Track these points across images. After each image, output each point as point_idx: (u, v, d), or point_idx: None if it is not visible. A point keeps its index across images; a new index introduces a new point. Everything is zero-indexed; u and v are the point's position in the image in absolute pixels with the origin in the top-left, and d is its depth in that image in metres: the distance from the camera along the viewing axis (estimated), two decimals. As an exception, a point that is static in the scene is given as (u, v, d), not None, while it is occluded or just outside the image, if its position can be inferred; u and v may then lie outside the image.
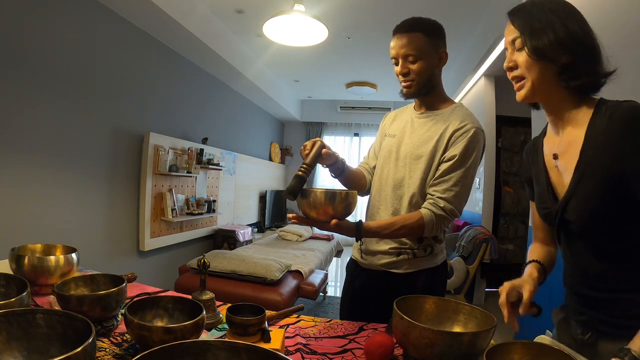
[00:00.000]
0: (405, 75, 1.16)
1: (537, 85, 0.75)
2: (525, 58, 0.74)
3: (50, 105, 2.16)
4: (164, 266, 3.32)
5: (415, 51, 1.12)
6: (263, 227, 5.43)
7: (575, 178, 0.74)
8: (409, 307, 0.90)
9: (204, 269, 1.02)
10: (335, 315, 3.42)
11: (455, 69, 4.38)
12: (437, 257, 1.20)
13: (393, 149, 1.23)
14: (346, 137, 6.84)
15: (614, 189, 0.68)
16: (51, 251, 1.19)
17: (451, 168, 1.10)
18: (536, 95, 0.77)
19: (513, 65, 0.78)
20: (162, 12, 2.58)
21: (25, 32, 1.98)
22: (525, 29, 0.74)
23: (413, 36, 1.12)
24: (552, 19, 0.72)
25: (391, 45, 1.17)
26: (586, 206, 0.73)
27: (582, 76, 0.71)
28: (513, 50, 0.77)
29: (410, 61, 1.14)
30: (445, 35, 1.19)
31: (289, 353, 0.89)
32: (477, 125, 1.12)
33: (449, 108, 1.18)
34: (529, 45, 0.73)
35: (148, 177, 2.94)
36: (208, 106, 4.05)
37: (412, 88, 1.17)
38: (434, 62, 1.16)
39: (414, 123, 1.22)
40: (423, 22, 1.15)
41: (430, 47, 1.14)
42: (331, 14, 3.05)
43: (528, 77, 0.75)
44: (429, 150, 1.14)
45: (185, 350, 0.53)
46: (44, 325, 0.64)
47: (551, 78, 0.74)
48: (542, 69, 0.73)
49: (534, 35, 0.73)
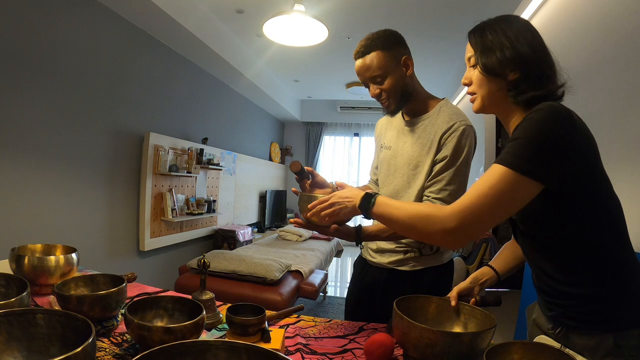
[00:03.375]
0: (379, 97, 1.16)
1: (487, 100, 0.81)
2: (477, 75, 0.80)
3: (50, 105, 2.16)
4: (164, 266, 3.32)
5: (379, 71, 1.11)
6: (263, 227, 5.43)
7: None
8: (409, 307, 0.90)
9: (204, 269, 1.02)
10: (335, 315, 3.42)
11: (455, 69, 4.38)
12: (443, 255, 1.22)
13: (391, 161, 1.24)
14: (346, 137, 6.84)
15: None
16: (51, 251, 1.19)
17: (443, 168, 1.11)
18: (486, 108, 0.83)
19: (468, 82, 0.84)
20: (162, 12, 2.58)
21: (25, 31, 1.98)
22: (478, 48, 0.80)
23: (372, 57, 1.11)
24: (501, 40, 0.77)
25: (356, 71, 1.17)
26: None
27: (529, 91, 0.76)
28: (469, 67, 0.84)
29: (378, 82, 1.13)
30: (404, 40, 1.16)
31: (289, 353, 0.89)
32: (465, 123, 1.11)
33: (434, 109, 1.17)
34: (480, 63, 0.79)
35: (148, 177, 2.94)
36: (208, 106, 4.05)
37: (391, 105, 1.16)
38: (401, 73, 1.13)
39: (405, 132, 1.22)
40: (376, 39, 1.12)
41: (392, 61, 1.11)
42: (331, 14, 3.05)
43: (478, 92, 0.81)
44: (423, 158, 1.15)
45: (185, 350, 0.53)
46: (44, 325, 0.64)
47: (500, 93, 0.79)
48: (492, 84, 0.79)
49: (484, 54, 0.79)
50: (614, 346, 0.69)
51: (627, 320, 0.70)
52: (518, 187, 0.68)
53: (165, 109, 3.27)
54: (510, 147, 0.70)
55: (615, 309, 0.71)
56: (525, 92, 0.76)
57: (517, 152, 0.68)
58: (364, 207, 0.87)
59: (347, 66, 4.53)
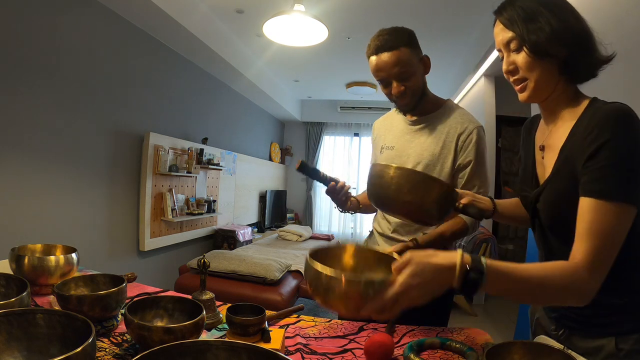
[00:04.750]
0: (402, 95, 1.13)
1: (541, 84, 0.72)
2: (524, 59, 0.71)
3: (50, 105, 2.16)
4: (164, 266, 3.32)
5: (407, 67, 1.08)
6: (263, 227, 5.43)
7: (553, 170, 0.75)
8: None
9: (204, 269, 1.02)
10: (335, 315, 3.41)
11: (455, 69, 4.38)
12: None
13: (395, 160, 1.22)
14: (346, 137, 6.83)
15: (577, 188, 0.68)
16: (51, 251, 1.19)
17: (472, 174, 1.14)
18: (538, 95, 0.74)
19: (513, 69, 0.74)
20: (162, 12, 2.58)
21: (25, 31, 1.98)
22: (520, 28, 0.70)
23: (400, 52, 1.07)
24: (544, 13, 0.68)
25: (376, 67, 1.11)
26: (554, 200, 0.74)
27: (582, 67, 0.70)
28: (509, 52, 0.74)
29: (404, 78, 1.10)
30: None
31: (289, 353, 0.89)
32: (477, 124, 1.15)
33: (442, 109, 1.18)
34: (528, 44, 0.69)
35: (148, 177, 2.94)
36: (208, 106, 4.05)
37: (410, 104, 1.15)
38: (422, 71, 1.13)
39: (410, 131, 1.22)
40: (402, 35, 1.09)
41: (416, 58, 1.11)
42: (331, 14, 3.05)
43: (530, 77, 0.72)
44: (436, 157, 1.15)
45: (185, 350, 0.53)
46: (44, 325, 0.64)
47: (553, 75, 0.71)
48: (544, 67, 0.70)
49: (530, 33, 0.69)
50: (615, 349, 0.69)
51: (630, 325, 0.69)
52: (628, 217, 0.64)
53: (165, 109, 3.27)
54: (604, 176, 0.63)
55: (621, 313, 0.70)
56: (579, 68, 0.69)
57: (615, 182, 0.63)
58: (468, 290, 0.60)
59: (347, 66, 4.53)
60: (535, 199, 0.79)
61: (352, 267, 0.77)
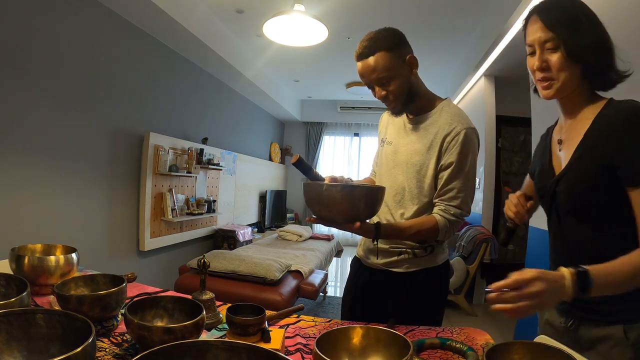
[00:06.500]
0: (385, 99, 1.14)
1: (567, 85, 0.77)
2: (559, 59, 0.75)
3: (50, 105, 2.16)
4: (164, 266, 3.32)
5: (384, 72, 1.08)
6: (263, 227, 5.43)
7: (574, 156, 0.79)
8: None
9: (204, 269, 1.02)
10: (335, 315, 3.42)
11: (455, 69, 4.38)
12: (437, 256, 1.20)
13: (390, 156, 1.23)
14: (346, 137, 6.84)
15: (605, 173, 0.72)
16: (51, 251, 1.19)
17: (452, 176, 1.10)
18: (562, 94, 0.79)
19: (546, 66, 0.77)
20: (162, 12, 2.58)
21: (25, 32, 1.98)
22: (562, 32, 0.74)
23: (376, 58, 1.07)
24: (585, 22, 0.73)
25: (359, 73, 1.13)
26: (578, 179, 0.77)
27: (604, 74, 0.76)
28: (543, 50, 0.77)
29: (384, 84, 1.10)
30: (406, 38, 1.13)
31: (289, 353, 0.88)
32: (466, 126, 1.10)
33: (436, 109, 1.17)
34: (569, 47, 0.73)
35: (148, 177, 2.94)
36: (208, 106, 4.05)
37: (397, 107, 1.15)
38: (406, 73, 1.11)
39: (407, 129, 1.22)
40: (380, 39, 1.08)
41: (397, 61, 1.09)
42: (331, 14, 3.05)
43: (558, 78, 0.76)
44: (423, 157, 1.14)
45: (185, 350, 0.53)
46: (44, 325, 0.64)
47: (577, 78, 0.76)
48: (572, 70, 0.75)
49: (573, 36, 0.73)
50: (624, 337, 0.70)
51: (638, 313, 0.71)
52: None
53: (165, 109, 3.27)
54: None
55: (629, 301, 0.71)
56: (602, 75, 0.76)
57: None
58: (579, 290, 0.65)
59: (347, 66, 4.53)
60: (556, 184, 0.83)
61: (360, 350, 0.74)
